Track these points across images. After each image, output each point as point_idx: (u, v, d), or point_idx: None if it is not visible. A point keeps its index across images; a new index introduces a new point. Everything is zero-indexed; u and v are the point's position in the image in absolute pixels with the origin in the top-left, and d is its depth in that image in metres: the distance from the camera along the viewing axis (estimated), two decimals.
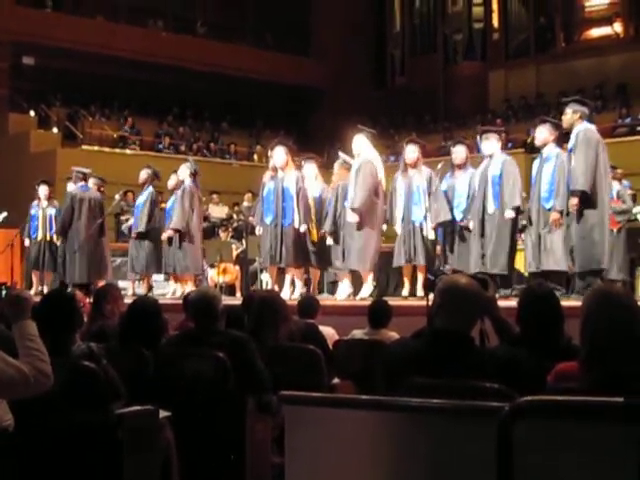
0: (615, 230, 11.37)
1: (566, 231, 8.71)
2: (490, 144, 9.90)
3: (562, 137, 9.25)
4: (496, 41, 27.10)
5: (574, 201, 8.45)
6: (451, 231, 10.19)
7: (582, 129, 8.65)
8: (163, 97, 25.73)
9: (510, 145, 21.84)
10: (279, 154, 10.93)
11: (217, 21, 28.14)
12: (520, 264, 10.42)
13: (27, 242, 13.77)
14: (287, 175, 10.82)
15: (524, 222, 9.62)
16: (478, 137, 10.45)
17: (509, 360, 3.48)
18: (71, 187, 13.40)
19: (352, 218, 10.11)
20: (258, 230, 11.15)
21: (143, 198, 12.75)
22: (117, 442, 4.16)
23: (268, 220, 10.84)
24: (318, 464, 2.96)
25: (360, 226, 10.12)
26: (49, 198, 13.90)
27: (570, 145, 8.69)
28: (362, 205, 10.07)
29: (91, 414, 4.16)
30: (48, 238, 13.64)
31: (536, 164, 9.36)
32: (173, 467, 4.73)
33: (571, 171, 8.54)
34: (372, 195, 10.17)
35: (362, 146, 10.43)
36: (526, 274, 10.29)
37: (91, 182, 13.27)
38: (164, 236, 12.06)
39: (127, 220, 14.85)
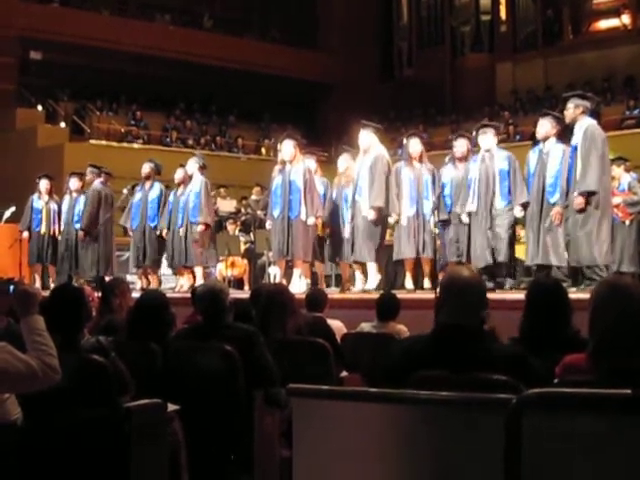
0: (627, 222, 11.37)
1: (565, 224, 8.70)
2: (487, 138, 9.89)
3: (564, 131, 9.21)
4: (503, 33, 27.03)
5: (579, 200, 8.42)
6: (456, 223, 10.18)
7: (588, 125, 8.61)
8: (170, 91, 25.78)
9: (518, 138, 21.84)
10: (287, 147, 10.94)
11: (224, 15, 28.14)
12: (521, 255, 10.44)
13: (25, 235, 13.79)
14: (294, 168, 10.82)
15: (522, 214, 9.60)
16: (474, 132, 10.41)
17: (516, 353, 3.48)
18: (74, 184, 13.50)
19: (371, 215, 10.16)
20: (268, 224, 11.18)
21: (155, 194, 12.80)
22: (125, 435, 4.17)
23: (276, 213, 10.86)
24: (326, 457, 2.96)
25: (376, 221, 10.19)
26: (50, 193, 13.95)
27: (575, 141, 8.65)
28: (383, 203, 10.15)
29: (99, 408, 4.17)
30: (52, 233, 13.71)
31: (534, 157, 9.29)
32: (181, 460, 4.74)
33: (581, 170, 8.49)
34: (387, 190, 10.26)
35: (371, 141, 10.45)
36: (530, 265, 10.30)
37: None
38: (200, 229, 12.07)
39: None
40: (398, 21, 28.97)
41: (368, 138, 10.48)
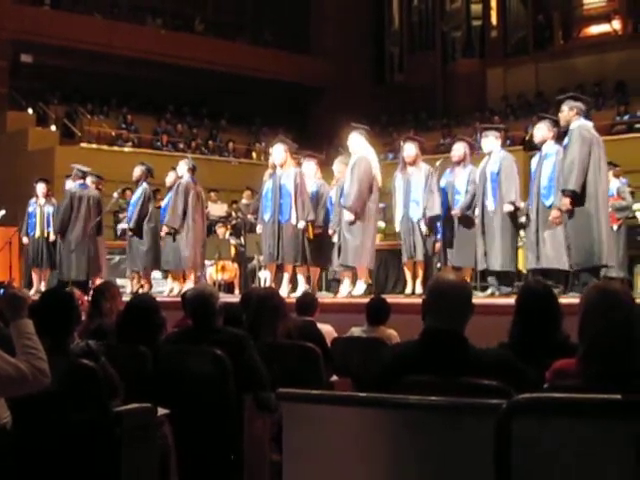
0: (615, 227, 11.38)
1: (565, 228, 8.69)
2: (489, 142, 9.91)
3: (561, 134, 9.22)
4: (494, 38, 27.09)
5: (566, 201, 8.43)
6: (450, 228, 10.20)
7: (577, 126, 8.62)
8: (161, 95, 25.73)
9: (509, 142, 21.86)
10: (278, 151, 10.94)
11: (216, 18, 28.15)
12: (520, 261, 10.43)
13: (25, 240, 13.75)
14: (285, 172, 10.83)
15: (523, 219, 9.62)
16: (478, 135, 10.44)
17: (504, 358, 3.49)
18: (69, 185, 13.39)
19: (347, 216, 10.14)
20: (259, 228, 11.17)
21: (137, 195, 12.77)
22: (115, 440, 4.17)
23: (266, 217, 10.86)
24: (316, 461, 2.96)
25: (355, 223, 10.16)
26: (47, 196, 13.89)
27: (565, 142, 8.68)
28: (356, 202, 10.12)
29: (89, 412, 4.16)
30: (46, 235, 13.63)
31: (535, 161, 9.35)
32: (171, 464, 4.73)
33: (563, 170, 8.53)
34: (366, 192, 10.19)
35: (358, 143, 10.46)
36: (524, 271, 10.30)
37: (89, 180, 13.26)
38: (162, 233, 12.10)
39: (123, 219, 14.91)
40: (389, 26, 29.01)
41: (356, 140, 10.49)
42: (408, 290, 10.31)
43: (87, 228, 12.70)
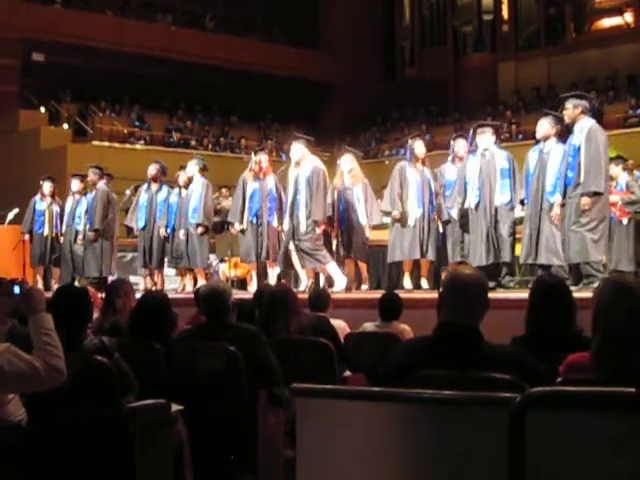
0: (625, 221, 11.36)
1: (561, 223, 8.71)
2: (485, 138, 9.89)
3: (564, 131, 9.20)
4: (506, 32, 26.99)
5: (588, 201, 8.42)
6: (455, 223, 10.21)
7: (590, 126, 8.61)
8: (173, 92, 25.78)
9: (520, 137, 21.82)
10: (266, 159, 11.57)
11: (226, 15, 28.15)
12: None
13: (27, 237, 13.80)
14: (269, 178, 11.47)
15: (518, 214, 9.65)
16: (471, 132, 10.41)
17: (517, 356, 3.48)
18: (75, 186, 13.54)
19: (307, 227, 10.47)
20: (239, 226, 11.49)
21: (163, 195, 12.75)
22: (129, 436, 4.17)
23: (268, 219, 11.26)
24: (330, 457, 2.96)
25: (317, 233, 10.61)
26: (53, 195, 13.95)
27: (577, 141, 8.63)
28: (323, 217, 10.54)
29: (103, 408, 4.17)
30: (54, 234, 13.71)
31: (533, 156, 9.29)
32: (185, 460, 4.74)
33: (586, 170, 8.48)
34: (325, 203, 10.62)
35: (303, 153, 10.70)
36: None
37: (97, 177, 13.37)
38: (200, 231, 12.09)
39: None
40: (400, 21, 28.94)
41: (300, 150, 10.68)
42: (408, 285, 10.33)
43: (109, 226, 12.93)
